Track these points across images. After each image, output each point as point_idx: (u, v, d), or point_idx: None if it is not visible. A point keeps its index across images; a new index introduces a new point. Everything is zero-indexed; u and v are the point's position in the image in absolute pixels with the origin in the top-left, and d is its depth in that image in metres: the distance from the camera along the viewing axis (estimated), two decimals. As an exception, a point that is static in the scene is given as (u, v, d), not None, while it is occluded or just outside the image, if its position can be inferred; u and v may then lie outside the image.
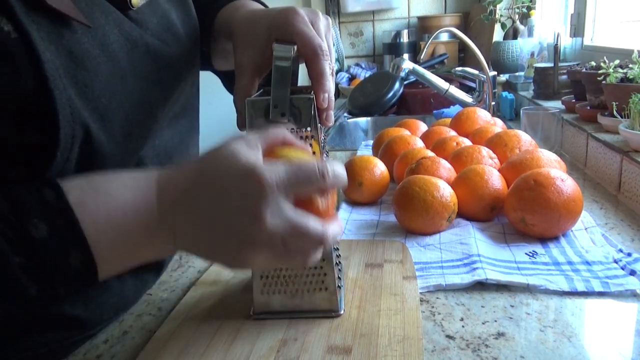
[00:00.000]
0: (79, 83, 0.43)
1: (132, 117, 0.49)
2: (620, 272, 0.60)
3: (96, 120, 0.44)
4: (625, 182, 0.84)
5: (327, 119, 0.52)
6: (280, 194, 0.39)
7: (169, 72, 0.56)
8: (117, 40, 0.48)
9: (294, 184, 0.40)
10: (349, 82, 2.32)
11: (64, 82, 0.41)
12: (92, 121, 0.44)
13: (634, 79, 0.92)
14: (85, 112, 0.43)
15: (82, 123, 0.43)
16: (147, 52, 0.52)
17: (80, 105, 0.43)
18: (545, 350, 0.48)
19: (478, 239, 0.71)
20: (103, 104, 0.45)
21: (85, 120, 0.43)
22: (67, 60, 0.42)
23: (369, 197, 0.90)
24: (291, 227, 0.40)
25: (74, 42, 0.43)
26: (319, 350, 0.49)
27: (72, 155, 0.43)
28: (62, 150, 0.41)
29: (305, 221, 0.40)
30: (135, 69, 0.50)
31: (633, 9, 1.39)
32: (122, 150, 0.49)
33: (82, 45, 0.44)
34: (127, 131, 0.49)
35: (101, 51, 0.46)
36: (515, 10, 1.93)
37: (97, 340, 0.56)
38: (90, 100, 0.44)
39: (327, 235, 0.41)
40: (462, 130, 1.11)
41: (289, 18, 0.52)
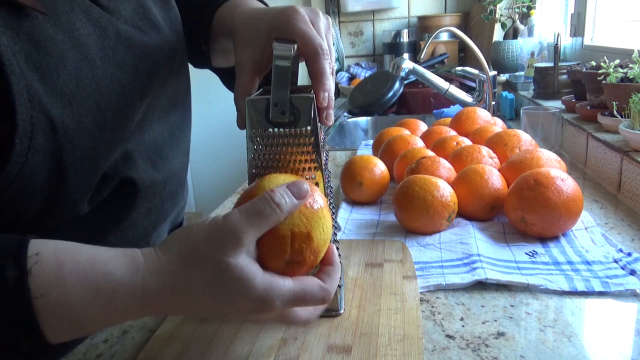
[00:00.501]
0: (42, 68, 0.43)
1: (104, 105, 0.49)
2: (620, 271, 0.60)
3: (62, 107, 0.44)
4: (626, 181, 0.84)
5: (327, 118, 0.52)
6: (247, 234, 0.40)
7: (147, 60, 0.55)
8: (84, 27, 0.48)
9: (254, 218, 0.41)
10: (349, 81, 2.32)
11: (22, 67, 0.41)
12: (56, 107, 0.43)
13: (634, 78, 0.92)
14: (49, 98, 0.43)
15: (43, 109, 0.42)
16: (118, 40, 0.52)
17: (42, 91, 0.42)
18: (545, 350, 0.48)
19: (478, 239, 0.71)
20: (70, 90, 0.45)
21: (47, 107, 0.42)
22: (27, 46, 0.42)
23: (369, 197, 0.90)
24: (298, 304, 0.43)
25: (34, 28, 0.43)
26: (319, 350, 0.49)
27: (35, 143, 0.42)
28: (20, 137, 0.40)
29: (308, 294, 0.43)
30: (106, 56, 0.50)
31: (633, 8, 1.39)
32: (96, 139, 0.48)
33: (45, 30, 0.44)
34: (100, 119, 0.48)
35: (65, 37, 0.46)
36: (515, 10, 1.93)
37: (97, 339, 0.55)
38: (56, 86, 0.44)
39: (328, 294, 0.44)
40: (462, 129, 1.11)
41: (290, 17, 0.52)
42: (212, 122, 2.74)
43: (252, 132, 0.51)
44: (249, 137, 0.51)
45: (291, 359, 0.48)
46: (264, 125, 0.51)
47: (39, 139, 0.42)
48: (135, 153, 0.56)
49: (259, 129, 0.51)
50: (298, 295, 0.42)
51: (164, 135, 0.63)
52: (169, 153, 0.64)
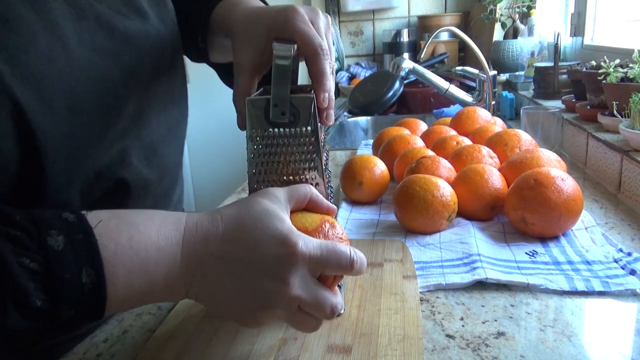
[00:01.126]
0: (9, 47, 0.41)
1: (78, 89, 0.47)
2: (621, 271, 0.60)
3: (30, 89, 0.42)
4: (626, 181, 0.84)
5: (327, 118, 0.52)
6: (310, 266, 0.42)
7: (131, 47, 0.53)
8: (59, 7, 0.46)
9: (325, 264, 0.43)
10: (349, 81, 2.32)
11: None
12: (23, 89, 0.42)
13: (634, 78, 0.92)
14: (15, 79, 0.41)
15: (6, 91, 0.41)
16: (98, 24, 0.50)
17: (7, 71, 0.41)
18: (545, 350, 0.48)
19: (478, 239, 0.71)
20: (39, 71, 0.43)
21: (11, 89, 0.41)
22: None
23: (369, 197, 0.90)
24: (312, 298, 0.43)
25: (5, 6, 0.42)
26: (319, 350, 0.49)
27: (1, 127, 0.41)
28: None
29: (324, 294, 0.44)
30: (83, 39, 0.48)
31: (633, 8, 1.39)
32: (73, 125, 0.47)
33: (13, 7, 0.43)
34: (75, 104, 0.47)
35: (38, 16, 0.44)
36: (515, 10, 1.93)
37: (97, 339, 0.55)
38: (24, 66, 0.42)
39: (337, 309, 0.44)
40: (462, 129, 1.11)
41: (289, 16, 0.52)
42: (212, 122, 2.74)
43: (252, 132, 0.51)
44: (249, 137, 0.51)
45: (291, 359, 0.48)
46: (264, 125, 0.51)
47: (5, 122, 0.41)
48: (131, 150, 0.55)
49: (259, 129, 0.51)
50: (327, 247, 0.43)
51: (160, 130, 0.61)
52: (164, 149, 0.63)
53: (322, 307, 0.43)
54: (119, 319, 0.59)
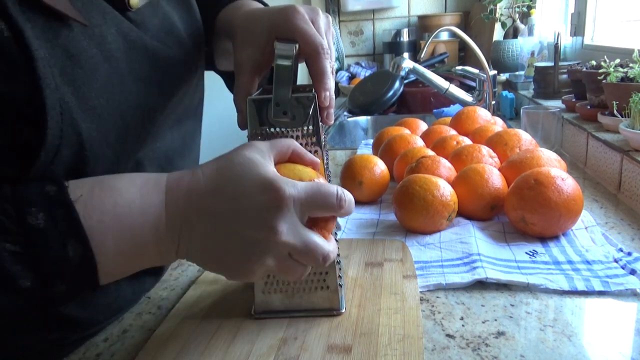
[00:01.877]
0: (76, 82, 0.42)
1: (129, 120, 0.48)
2: (621, 271, 0.60)
3: (91, 121, 0.44)
4: (626, 181, 0.84)
5: (327, 117, 0.52)
6: (297, 210, 0.41)
7: (170, 75, 0.55)
8: (115, 41, 0.47)
9: (311, 205, 0.42)
10: (349, 81, 2.32)
11: (57, 81, 0.41)
12: (85, 121, 0.43)
13: (634, 78, 0.92)
14: (80, 112, 0.43)
15: (72, 124, 0.42)
16: (146, 54, 0.51)
17: (74, 104, 0.42)
18: (545, 350, 0.48)
19: (478, 238, 0.71)
20: (100, 104, 0.45)
21: (76, 121, 0.42)
22: (63, 59, 0.42)
23: (369, 196, 0.90)
24: (302, 244, 0.42)
25: (70, 41, 0.43)
26: (319, 349, 0.49)
27: (59, 156, 0.42)
28: (46, 150, 0.40)
29: (315, 240, 0.42)
30: (133, 71, 0.49)
31: (633, 8, 1.39)
32: (116, 152, 0.48)
33: (79, 43, 0.43)
34: (123, 133, 0.48)
35: (98, 50, 0.45)
36: (515, 9, 1.93)
37: (96, 338, 0.55)
38: (87, 99, 0.43)
39: (330, 257, 0.43)
40: (462, 129, 1.11)
41: (290, 16, 0.52)
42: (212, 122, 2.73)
43: (253, 131, 0.51)
44: (250, 136, 0.51)
45: (291, 358, 0.48)
46: (265, 124, 0.51)
47: (64, 152, 0.42)
48: (145, 161, 0.55)
49: (260, 129, 0.51)
50: (314, 186, 0.42)
51: (175, 144, 0.62)
52: (180, 162, 0.63)
53: (313, 253, 0.42)
54: (119, 319, 0.59)
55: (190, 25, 0.61)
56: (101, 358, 0.52)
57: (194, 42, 0.61)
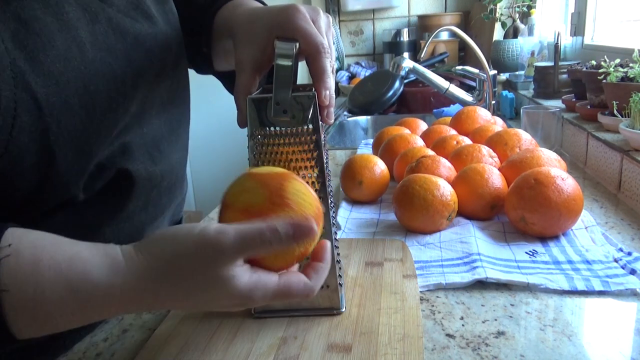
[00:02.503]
0: (28, 47, 0.44)
1: (92, 88, 0.49)
2: (621, 271, 0.60)
3: (48, 86, 0.45)
4: (626, 181, 0.84)
5: (327, 117, 0.52)
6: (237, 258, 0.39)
7: (139, 48, 0.56)
8: (74, 11, 0.49)
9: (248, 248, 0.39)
10: (349, 80, 2.32)
11: (7, 46, 0.42)
12: (42, 86, 0.44)
13: (634, 78, 0.92)
14: (35, 76, 0.44)
15: (27, 88, 0.43)
16: (109, 26, 0.52)
17: (28, 69, 0.43)
18: (545, 349, 0.48)
19: (478, 238, 0.71)
20: (58, 70, 0.46)
21: (31, 85, 0.43)
22: (15, 25, 0.43)
23: (369, 196, 0.90)
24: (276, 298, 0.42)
25: (22, 8, 0.44)
26: (319, 349, 0.49)
27: (19, 121, 0.42)
28: (3, 114, 0.41)
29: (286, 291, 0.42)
30: (96, 41, 0.50)
31: (633, 8, 1.39)
32: (85, 122, 0.49)
33: (33, 11, 0.45)
34: (88, 102, 0.49)
35: (54, 19, 0.47)
36: (515, 9, 1.93)
37: (96, 338, 0.55)
38: (44, 65, 0.45)
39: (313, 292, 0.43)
40: (462, 129, 1.11)
41: (291, 15, 0.52)
42: (213, 121, 2.74)
43: (254, 130, 0.51)
44: (250, 135, 0.51)
45: (291, 357, 0.48)
46: (266, 123, 0.51)
47: (23, 116, 0.43)
48: (133, 146, 0.57)
49: (260, 128, 0.51)
50: (282, 292, 0.42)
51: (162, 130, 0.63)
52: (168, 148, 0.64)
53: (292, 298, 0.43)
54: (119, 318, 0.59)
55: (160, 4, 0.62)
56: (101, 357, 0.52)
57: (165, 20, 0.62)
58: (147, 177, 0.59)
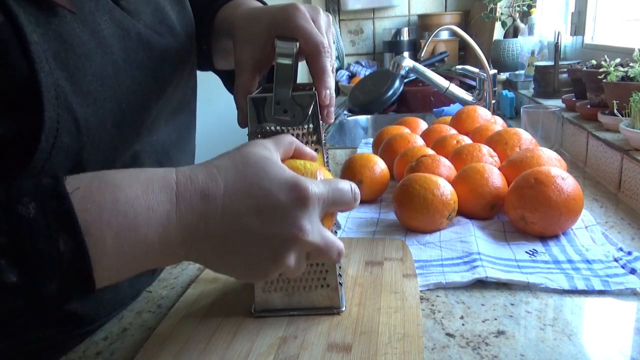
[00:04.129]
0: (70, 67, 0.43)
1: (124, 106, 0.49)
2: (621, 270, 0.60)
3: (87, 105, 0.44)
4: (626, 180, 0.84)
5: (328, 116, 0.52)
6: (319, 209, 0.43)
7: (164, 63, 0.56)
8: (108, 28, 0.48)
9: (332, 202, 0.44)
10: (349, 80, 2.32)
11: (51, 65, 0.41)
12: (81, 106, 0.44)
13: (634, 77, 0.91)
14: (75, 96, 0.43)
15: (68, 107, 0.42)
16: (140, 42, 0.52)
17: (69, 89, 0.43)
18: (545, 349, 0.48)
19: (478, 237, 0.71)
20: (95, 89, 0.45)
21: (72, 105, 0.43)
22: (56, 44, 0.42)
23: (369, 195, 0.90)
24: (324, 243, 0.43)
25: (63, 27, 0.43)
26: (319, 348, 0.49)
27: (59, 142, 0.42)
28: (46, 134, 0.40)
29: (332, 237, 0.44)
30: (128, 58, 0.50)
31: (634, 7, 1.39)
32: (114, 140, 0.49)
33: (72, 30, 0.44)
34: (119, 120, 0.49)
35: (92, 37, 0.46)
36: (515, 9, 1.93)
37: (96, 337, 0.55)
38: (82, 84, 0.44)
39: (342, 253, 0.46)
40: (463, 128, 1.11)
41: (291, 14, 0.52)
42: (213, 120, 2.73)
43: (254, 130, 0.51)
44: (251, 135, 0.51)
45: (291, 357, 0.48)
46: (266, 123, 0.51)
47: (63, 137, 0.42)
48: (143, 154, 0.56)
49: (261, 127, 0.51)
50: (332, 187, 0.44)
51: (171, 137, 0.63)
52: (176, 155, 0.64)
53: (331, 251, 0.44)
54: (118, 317, 0.59)
55: (181, 15, 0.62)
56: (101, 357, 0.52)
57: (185, 32, 0.61)
58: None
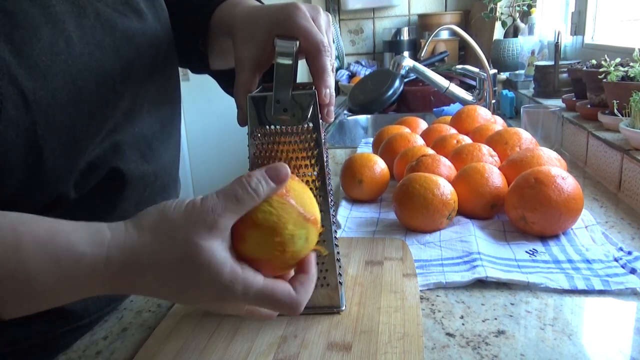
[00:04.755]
0: (15, 40, 0.43)
1: (80, 82, 0.49)
2: (621, 270, 0.60)
3: (35, 79, 0.44)
4: (626, 180, 0.84)
5: (328, 115, 0.52)
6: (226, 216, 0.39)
7: (128, 43, 0.55)
8: (60, 4, 0.48)
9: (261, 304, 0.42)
10: (349, 79, 2.32)
11: None
12: (29, 80, 0.44)
13: (634, 77, 0.91)
14: (21, 69, 0.43)
15: (13, 80, 0.42)
16: (98, 20, 0.52)
17: (13, 62, 0.42)
18: (545, 348, 0.48)
19: (478, 237, 0.71)
20: (44, 64, 0.45)
21: (17, 78, 0.43)
22: (0, 17, 0.43)
23: (369, 195, 0.90)
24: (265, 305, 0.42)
25: (9, 1, 0.44)
26: (319, 347, 0.49)
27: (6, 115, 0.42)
28: None
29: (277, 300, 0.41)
30: (84, 35, 0.50)
31: (634, 7, 1.39)
32: (73, 116, 0.48)
33: (18, 4, 0.44)
34: (76, 96, 0.48)
35: (41, 12, 0.46)
36: (515, 8, 1.92)
37: (96, 336, 0.55)
38: (29, 58, 0.44)
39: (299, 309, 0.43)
40: (463, 128, 1.11)
41: (291, 13, 0.52)
42: (212, 120, 2.74)
43: (254, 129, 0.51)
44: (250, 134, 0.51)
45: (291, 356, 0.48)
46: (266, 122, 0.51)
47: (10, 110, 0.42)
48: (124, 145, 0.56)
49: (261, 126, 0.51)
50: (265, 293, 0.40)
51: (154, 128, 0.63)
52: (160, 146, 0.64)
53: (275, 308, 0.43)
54: (118, 317, 0.59)
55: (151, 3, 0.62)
56: (101, 356, 0.52)
57: (156, 19, 0.61)
58: (140, 175, 0.59)
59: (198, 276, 0.38)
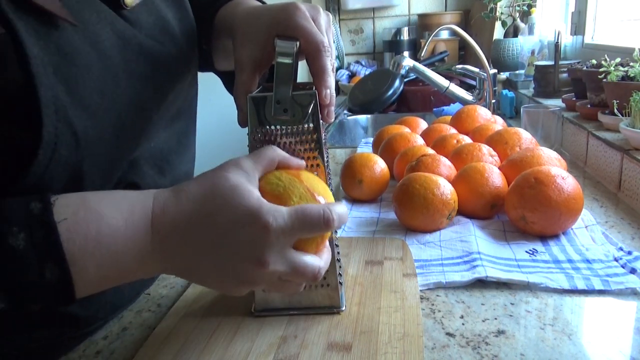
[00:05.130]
0: (70, 80, 0.42)
1: (124, 117, 0.49)
2: (621, 270, 0.60)
3: (86, 119, 0.44)
4: (626, 180, 0.84)
5: (328, 115, 0.52)
6: (283, 239, 0.42)
7: (164, 73, 0.55)
8: (109, 39, 0.48)
9: (298, 231, 0.42)
10: (348, 79, 2.32)
11: (51, 80, 0.41)
12: (81, 119, 0.43)
13: (634, 77, 0.91)
14: (74, 110, 0.42)
15: (67, 121, 0.42)
16: (140, 52, 0.51)
17: (68, 102, 0.42)
18: (545, 348, 0.48)
19: (478, 237, 0.71)
20: (95, 102, 0.45)
21: (71, 119, 0.42)
22: (56, 57, 0.42)
23: (369, 195, 0.90)
24: (291, 269, 0.43)
25: (63, 39, 0.43)
26: (319, 347, 0.49)
27: (58, 155, 0.42)
28: (44, 149, 0.40)
29: (303, 261, 0.43)
30: (128, 68, 0.49)
31: (634, 7, 1.39)
32: (112, 150, 0.48)
33: (72, 42, 0.43)
34: (119, 131, 0.48)
35: (92, 49, 0.45)
36: (515, 8, 1.92)
37: (96, 336, 0.55)
38: (82, 98, 0.43)
39: (321, 273, 0.44)
40: (463, 128, 1.11)
41: (291, 13, 0.52)
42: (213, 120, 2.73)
43: (254, 129, 0.51)
44: (251, 134, 0.51)
45: (291, 356, 0.48)
46: (266, 122, 0.51)
47: (62, 150, 0.42)
48: (141, 160, 0.56)
49: (261, 127, 0.51)
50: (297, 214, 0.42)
51: (170, 142, 0.62)
52: (176, 159, 0.64)
53: (302, 275, 0.43)
54: (118, 317, 0.59)
55: (183, 24, 0.61)
56: (101, 355, 0.52)
57: (187, 40, 0.61)
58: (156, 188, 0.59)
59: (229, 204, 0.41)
